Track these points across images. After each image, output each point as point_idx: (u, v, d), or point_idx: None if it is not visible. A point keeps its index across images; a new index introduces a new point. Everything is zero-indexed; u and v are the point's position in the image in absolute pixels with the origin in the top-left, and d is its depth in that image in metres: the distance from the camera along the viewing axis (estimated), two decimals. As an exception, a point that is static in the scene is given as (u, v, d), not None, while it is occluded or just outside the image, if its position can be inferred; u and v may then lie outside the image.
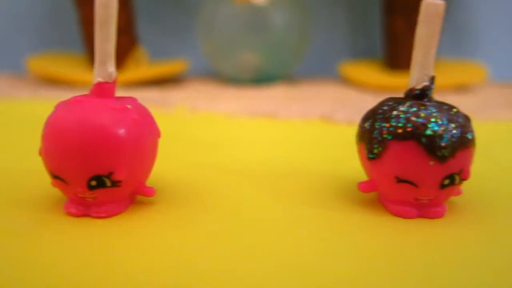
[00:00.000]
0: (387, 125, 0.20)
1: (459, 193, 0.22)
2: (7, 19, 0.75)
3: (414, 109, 0.20)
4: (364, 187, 0.22)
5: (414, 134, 0.19)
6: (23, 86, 0.60)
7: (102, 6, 0.20)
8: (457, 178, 0.20)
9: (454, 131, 0.19)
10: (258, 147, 0.33)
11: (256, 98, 0.52)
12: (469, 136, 0.20)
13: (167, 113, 0.43)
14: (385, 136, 0.20)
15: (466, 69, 0.67)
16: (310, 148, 0.32)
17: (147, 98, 0.50)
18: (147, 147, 0.20)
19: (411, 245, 0.19)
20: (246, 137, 0.36)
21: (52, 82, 0.62)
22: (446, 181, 0.20)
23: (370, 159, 0.21)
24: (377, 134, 0.20)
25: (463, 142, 0.19)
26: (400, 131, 0.20)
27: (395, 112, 0.20)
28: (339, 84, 0.66)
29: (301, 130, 0.38)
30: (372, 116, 0.21)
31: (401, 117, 0.20)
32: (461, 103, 0.50)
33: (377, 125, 0.21)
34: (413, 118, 0.20)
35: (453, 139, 0.19)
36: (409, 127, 0.19)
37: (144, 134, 0.20)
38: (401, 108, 0.20)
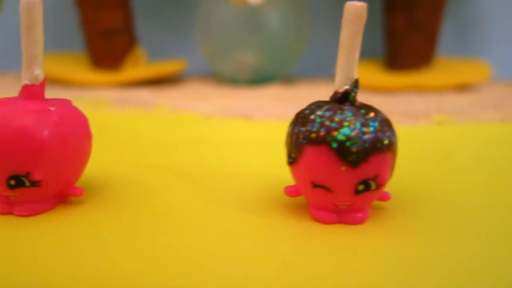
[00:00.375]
0: (304, 129, 0.20)
1: (386, 198, 0.22)
2: (16, 19, 0.77)
3: (330, 113, 0.20)
4: (291, 191, 0.22)
5: (326, 139, 0.19)
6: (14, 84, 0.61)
7: (25, 10, 0.20)
8: (372, 183, 0.19)
9: (367, 136, 0.19)
10: (216, 148, 0.33)
11: (242, 98, 0.53)
12: (385, 141, 0.19)
13: (144, 114, 0.44)
14: (300, 140, 0.20)
15: (470, 68, 0.65)
16: (270, 150, 0.32)
17: (134, 98, 0.50)
18: (71, 148, 0.21)
19: (320, 251, 0.19)
20: (210, 138, 0.36)
21: (51, 81, 0.64)
22: (361, 187, 0.19)
23: (289, 163, 0.21)
24: (295, 138, 0.20)
25: (377, 147, 0.19)
26: (313, 135, 0.19)
27: (312, 116, 0.20)
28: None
29: (272, 131, 0.38)
30: (295, 119, 0.21)
31: (317, 121, 0.20)
32: (460, 102, 0.50)
33: (296, 129, 0.20)
34: (327, 123, 0.19)
35: (366, 144, 0.19)
36: (322, 132, 0.19)
37: (68, 136, 0.21)
38: (318, 112, 0.20)
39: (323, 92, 0.57)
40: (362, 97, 0.19)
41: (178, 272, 0.17)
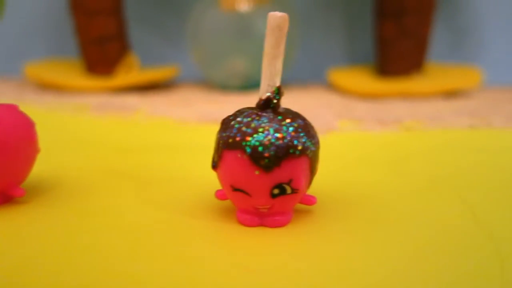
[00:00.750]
0: (224, 134, 0.21)
1: (311, 202, 0.22)
2: (16, 26, 0.79)
3: (248, 119, 0.20)
4: (220, 195, 0.23)
5: (241, 144, 0.20)
6: (9, 90, 0.63)
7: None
8: (287, 188, 0.20)
9: (279, 142, 0.20)
10: (174, 153, 0.34)
11: (229, 104, 0.53)
12: (298, 146, 0.20)
13: (121, 119, 0.45)
14: (221, 145, 0.21)
15: (461, 74, 0.65)
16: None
17: (118, 103, 0.52)
18: (10, 151, 0.22)
19: (235, 252, 0.19)
20: (173, 143, 0.37)
21: (45, 87, 0.66)
22: (276, 191, 0.20)
23: (212, 167, 0.21)
24: (217, 143, 0.21)
25: (290, 152, 0.20)
26: (230, 140, 0.20)
27: (232, 122, 0.21)
28: (327, 90, 0.65)
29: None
30: (221, 125, 0.22)
31: (235, 127, 0.20)
32: (440, 108, 0.50)
33: (219, 134, 0.21)
34: (243, 128, 0.20)
35: (278, 149, 0.19)
36: (238, 137, 0.20)
37: (6, 140, 0.22)
38: (238, 118, 0.21)
39: (313, 99, 0.59)
40: (345, 103, 0.20)
41: (93, 272, 0.18)
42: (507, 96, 0.60)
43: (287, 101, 0.50)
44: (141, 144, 0.36)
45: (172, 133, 0.40)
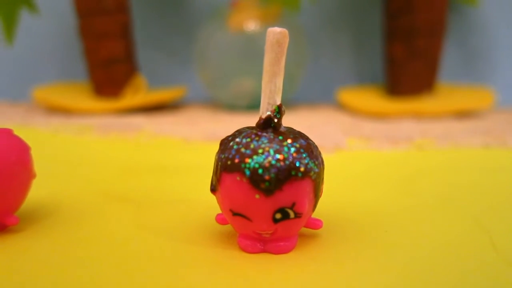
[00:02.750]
0: (223, 156, 0.20)
1: (317, 226, 0.21)
2: (25, 51, 0.80)
3: (247, 140, 0.19)
4: (220, 219, 0.22)
5: (239, 166, 0.19)
6: (17, 114, 0.63)
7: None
8: (290, 212, 0.19)
9: (281, 164, 0.18)
10: (175, 174, 0.33)
11: (228, 123, 0.53)
12: (301, 168, 0.19)
13: (123, 140, 0.44)
14: (219, 167, 0.20)
15: (473, 95, 0.64)
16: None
17: (122, 124, 0.51)
18: (1, 178, 0.21)
19: (235, 282, 0.18)
20: (175, 163, 0.36)
21: (54, 110, 0.66)
22: (278, 215, 0.19)
23: (211, 191, 0.20)
24: (216, 165, 0.20)
25: (291, 174, 0.19)
26: (229, 162, 0.19)
27: (231, 143, 0.20)
28: (336, 110, 0.65)
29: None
30: (220, 146, 0.21)
31: (234, 148, 0.19)
32: (452, 128, 0.48)
33: (217, 156, 0.20)
34: (242, 150, 0.19)
35: (279, 171, 0.18)
36: (237, 159, 0.19)
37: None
38: (237, 139, 0.20)
39: (322, 117, 0.58)
40: (355, 122, 0.18)
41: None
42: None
43: (295, 121, 0.49)
44: (143, 165, 0.35)
45: (175, 152, 0.40)
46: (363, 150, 0.40)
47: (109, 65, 0.67)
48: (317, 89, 0.78)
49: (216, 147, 0.21)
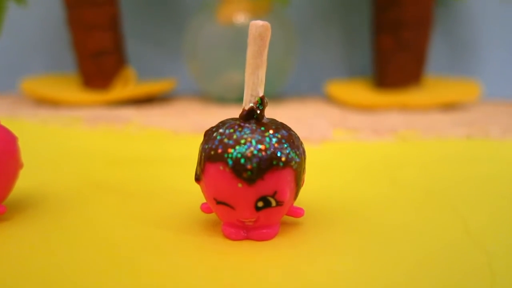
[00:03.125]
0: (207, 146, 0.20)
1: (299, 214, 0.22)
2: (13, 42, 0.79)
3: (230, 130, 0.20)
4: (205, 208, 0.22)
5: (222, 156, 0.19)
6: (4, 106, 0.63)
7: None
8: (272, 200, 0.20)
9: (262, 153, 0.19)
10: (166, 164, 0.34)
11: (217, 115, 0.53)
12: (282, 158, 0.19)
13: (112, 131, 0.45)
14: (203, 158, 0.20)
15: (459, 87, 0.65)
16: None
17: (112, 116, 0.51)
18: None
19: (218, 267, 0.19)
20: (166, 154, 0.36)
21: (42, 102, 0.66)
22: (260, 203, 0.19)
23: (195, 180, 0.21)
24: (200, 155, 0.21)
25: (273, 164, 0.19)
26: (212, 152, 0.20)
27: (214, 134, 0.20)
28: (325, 103, 0.65)
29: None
30: (204, 136, 0.21)
31: (217, 139, 0.20)
32: (437, 120, 0.49)
33: (201, 146, 0.21)
34: (225, 140, 0.20)
35: (260, 161, 0.19)
36: (220, 149, 0.19)
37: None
38: (220, 130, 0.20)
39: (310, 110, 0.58)
40: (342, 114, 0.19)
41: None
42: (504, 109, 0.60)
43: (285, 113, 0.50)
44: (130, 156, 0.36)
45: (164, 144, 0.40)
46: (348, 142, 0.41)
47: (97, 57, 0.67)
48: (306, 82, 0.79)
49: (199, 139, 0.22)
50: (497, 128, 0.44)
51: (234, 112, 0.54)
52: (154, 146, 0.39)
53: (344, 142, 0.40)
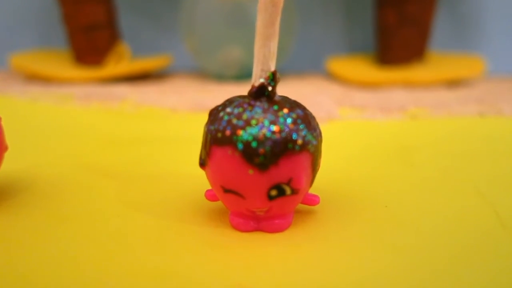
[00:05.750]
0: (213, 128, 0.18)
1: (314, 202, 0.20)
2: (1, 16, 0.76)
3: (239, 110, 0.18)
4: (210, 195, 0.20)
5: (231, 139, 0.17)
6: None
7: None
8: (286, 188, 0.17)
9: (276, 136, 0.17)
10: (162, 145, 0.32)
11: (216, 93, 0.51)
12: (298, 141, 0.17)
13: (106, 109, 0.42)
14: (209, 140, 0.18)
15: (463, 63, 0.63)
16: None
17: (106, 93, 0.49)
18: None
19: (226, 263, 0.17)
20: (164, 134, 0.34)
21: (33, 78, 0.63)
22: (273, 192, 0.17)
23: (200, 165, 0.19)
24: (205, 138, 0.18)
25: (288, 148, 0.17)
26: (219, 135, 0.17)
27: (221, 114, 0.18)
28: (326, 80, 0.63)
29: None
30: (209, 116, 0.19)
31: (224, 119, 0.18)
32: (445, 96, 0.47)
33: (206, 127, 0.18)
34: (234, 121, 0.17)
35: (274, 145, 0.17)
36: (228, 131, 0.17)
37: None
38: (228, 109, 0.18)
39: (312, 87, 0.56)
40: (346, 92, 0.17)
41: (66, 285, 0.15)
42: (511, 85, 0.58)
43: (284, 91, 0.48)
44: (127, 136, 0.33)
45: (161, 123, 0.38)
46: (356, 120, 0.39)
47: (90, 32, 0.64)
48: (307, 58, 0.76)
49: (204, 118, 0.19)
50: (508, 105, 0.42)
51: (234, 90, 0.52)
52: (152, 125, 0.37)
53: (351, 120, 0.38)
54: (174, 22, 0.72)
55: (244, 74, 0.65)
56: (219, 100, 0.45)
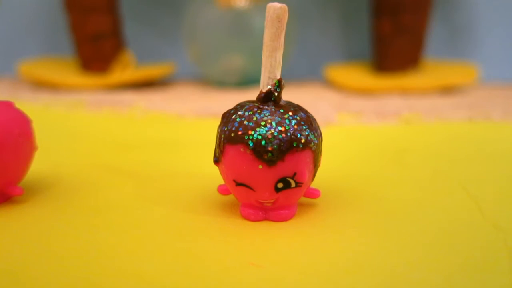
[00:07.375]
0: (226, 128, 0.20)
1: (315, 195, 0.22)
2: (10, 24, 0.78)
3: (250, 113, 0.20)
4: (223, 189, 0.23)
5: (243, 138, 0.19)
6: (3, 88, 0.63)
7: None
8: (291, 181, 0.20)
9: (282, 135, 0.19)
10: (175, 148, 0.34)
11: (219, 99, 0.53)
12: (302, 140, 0.20)
13: (116, 115, 0.45)
14: (222, 139, 0.20)
15: (457, 70, 0.65)
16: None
17: (114, 100, 0.51)
18: (5, 150, 0.22)
19: (238, 247, 0.19)
20: (173, 138, 0.37)
21: (40, 85, 0.65)
22: (280, 185, 0.20)
23: (214, 162, 0.21)
24: (218, 137, 0.21)
25: (293, 145, 0.19)
26: (232, 134, 0.20)
27: (234, 116, 0.20)
28: (324, 87, 0.65)
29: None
30: (221, 119, 0.21)
31: (237, 121, 0.20)
32: (438, 103, 0.50)
33: (220, 128, 0.21)
34: (245, 122, 0.20)
35: (281, 143, 0.19)
36: (240, 131, 0.20)
37: (1, 138, 0.21)
38: (239, 112, 0.20)
39: (310, 94, 0.58)
40: (343, 98, 0.19)
41: (96, 271, 0.17)
42: (503, 92, 0.60)
43: (285, 97, 0.50)
44: (138, 140, 0.36)
45: (169, 128, 0.40)
46: (353, 125, 0.41)
47: (96, 40, 0.67)
48: (304, 66, 0.79)
49: (210, 123, 0.22)
50: (497, 111, 0.45)
51: (236, 97, 0.54)
52: (161, 130, 0.39)
53: (349, 125, 0.41)
54: (177, 31, 0.74)
55: (245, 81, 0.67)
56: (222, 106, 0.47)
